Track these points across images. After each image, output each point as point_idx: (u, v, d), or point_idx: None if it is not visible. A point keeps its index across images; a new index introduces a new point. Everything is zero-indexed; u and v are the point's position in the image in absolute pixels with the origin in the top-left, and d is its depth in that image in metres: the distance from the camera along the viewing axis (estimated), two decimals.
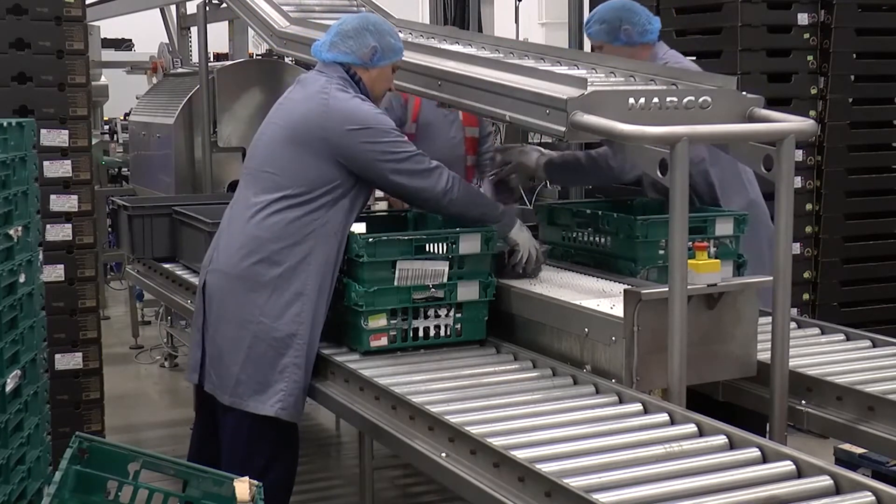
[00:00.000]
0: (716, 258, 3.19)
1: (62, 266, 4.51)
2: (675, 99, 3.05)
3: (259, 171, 3.51)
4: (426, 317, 3.42)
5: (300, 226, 3.39)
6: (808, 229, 5.39)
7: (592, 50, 4.13)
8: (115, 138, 10.30)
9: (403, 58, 3.67)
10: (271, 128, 3.55)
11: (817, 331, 3.58)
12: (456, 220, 3.55)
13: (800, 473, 2.39)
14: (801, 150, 5.23)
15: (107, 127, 10.61)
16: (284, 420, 3.37)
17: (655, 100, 3.02)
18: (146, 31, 11.17)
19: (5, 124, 3.49)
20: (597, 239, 3.74)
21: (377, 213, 4.01)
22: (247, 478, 2.88)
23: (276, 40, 4.92)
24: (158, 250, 4.94)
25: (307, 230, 3.39)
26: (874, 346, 3.43)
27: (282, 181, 3.42)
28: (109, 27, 10.71)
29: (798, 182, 5.23)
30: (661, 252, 3.49)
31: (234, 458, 3.40)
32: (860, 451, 3.89)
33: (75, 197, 4.51)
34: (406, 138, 3.52)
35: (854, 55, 5.45)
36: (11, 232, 3.44)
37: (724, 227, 3.56)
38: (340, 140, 3.38)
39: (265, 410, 3.36)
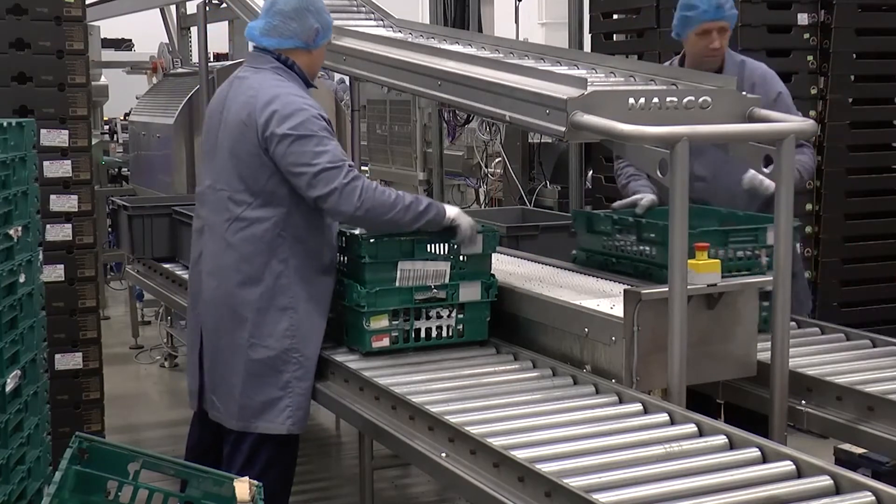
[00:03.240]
0: (767, 268, 3.15)
1: (62, 266, 4.50)
2: (675, 99, 3.05)
3: (213, 191, 3.44)
4: (428, 317, 3.42)
5: (268, 240, 3.34)
6: (808, 229, 5.39)
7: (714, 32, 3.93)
8: (115, 138, 10.31)
9: (404, 58, 3.66)
10: (214, 141, 3.45)
11: (817, 331, 3.58)
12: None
13: (800, 473, 2.39)
14: None
15: (107, 127, 10.61)
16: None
17: (655, 100, 3.01)
18: (146, 31, 11.17)
19: (5, 124, 3.49)
20: (640, 248, 3.58)
21: None
22: (247, 478, 2.88)
23: None
24: (158, 250, 4.94)
25: (277, 243, 3.34)
26: (874, 346, 3.43)
27: (237, 197, 3.36)
28: (109, 27, 10.70)
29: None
30: None
31: (234, 462, 3.39)
32: (860, 451, 3.89)
33: (75, 197, 4.50)
34: (330, 146, 3.27)
35: (854, 55, 5.45)
36: (11, 232, 3.43)
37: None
38: (266, 146, 3.28)
39: (276, 429, 3.35)
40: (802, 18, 5.30)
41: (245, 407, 3.36)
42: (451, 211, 3.40)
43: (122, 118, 10.46)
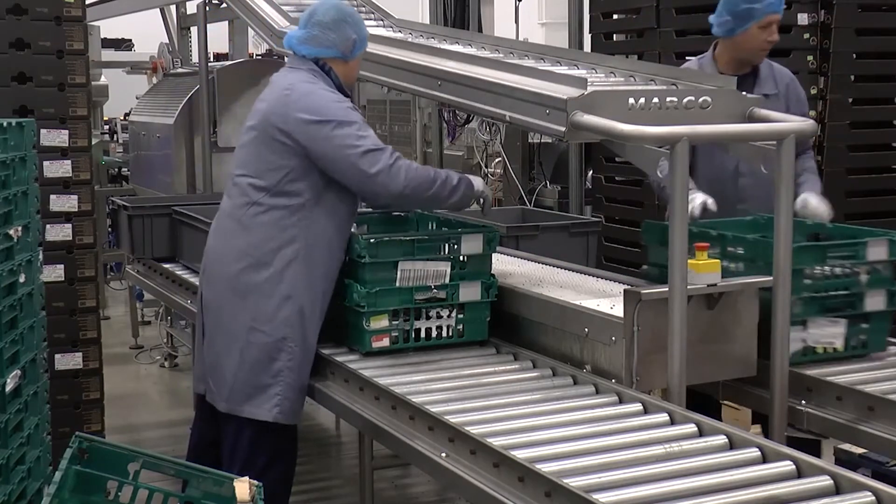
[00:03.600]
0: (867, 286, 3.07)
1: (62, 266, 4.50)
2: (675, 99, 3.04)
3: (236, 177, 3.50)
4: (428, 317, 3.42)
5: (282, 227, 3.37)
6: None
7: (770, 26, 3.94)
8: (115, 138, 10.31)
9: (404, 58, 3.66)
10: (245, 133, 3.54)
11: None
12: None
13: (800, 473, 2.39)
14: None
15: (107, 127, 10.61)
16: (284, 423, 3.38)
17: (655, 100, 3.01)
18: (146, 31, 11.17)
19: (5, 124, 3.49)
20: (727, 265, 3.17)
21: (378, 214, 4.01)
22: (247, 478, 2.87)
23: (276, 40, 4.93)
24: (158, 250, 4.94)
25: (291, 232, 3.37)
26: None
27: (258, 183, 3.40)
28: (109, 27, 10.71)
29: None
30: (808, 282, 3.13)
31: (235, 460, 3.40)
32: (860, 451, 3.89)
33: (75, 197, 4.50)
34: (370, 132, 3.39)
35: (854, 55, 5.44)
36: (11, 232, 3.43)
37: (877, 252, 3.21)
38: (301, 134, 3.34)
39: (262, 416, 3.36)
40: (802, 18, 5.29)
41: (235, 390, 3.38)
42: (478, 182, 3.51)
43: (122, 118, 10.46)
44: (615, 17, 6.07)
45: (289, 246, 3.38)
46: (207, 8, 7.20)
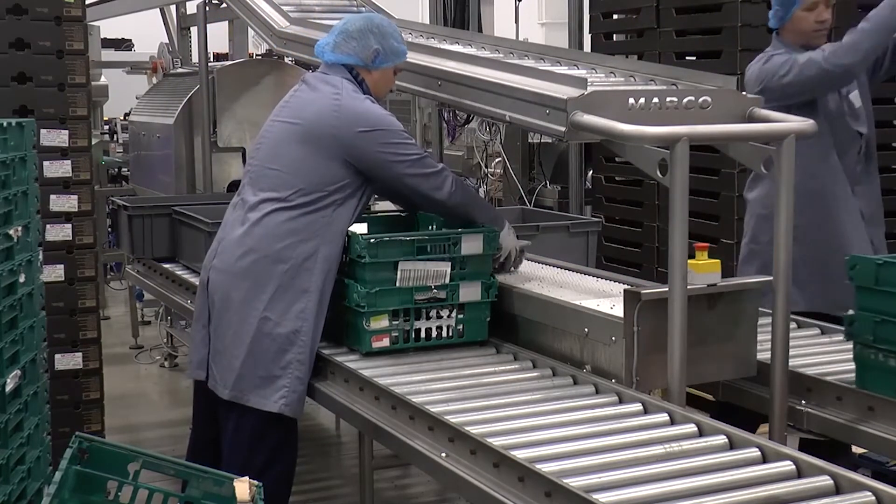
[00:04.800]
0: None
1: (62, 266, 4.51)
2: (675, 99, 3.04)
3: (263, 169, 3.52)
4: (428, 318, 3.42)
5: (307, 223, 3.40)
6: None
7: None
8: (115, 138, 10.31)
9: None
10: (277, 126, 3.56)
11: (817, 331, 3.58)
12: (454, 220, 3.57)
13: (800, 473, 2.39)
14: None
15: (107, 127, 10.61)
16: (287, 416, 3.38)
17: (655, 100, 3.01)
18: (146, 31, 11.18)
19: (5, 124, 3.48)
20: None
21: (378, 214, 4.01)
22: (247, 478, 2.87)
23: (276, 40, 4.93)
24: (158, 250, 4.94)
25: (313, 228, 3.41)
26: None
27: (289, 179, 3.43)
28: (109, 27, 10.72)
29: None
30: None
31: (236, 455, 3.40)
32: (860, 451, 3.89)
33: (75, 197, 4.51)
34: (414, 140, 3.53)
35: None
36: (11, 232, 3.43)
37: None
38: (352, 141, 3.40)
39: (269, 406, 3.36)
40: None
41: (242, 378, 3.39)
42: (505, 228, 3.58)
43: (122, 118, 10.47)
44: (615, 17, 6.07)
45: (308, 242, 3.40)
46: (207, 8, 7.20)
